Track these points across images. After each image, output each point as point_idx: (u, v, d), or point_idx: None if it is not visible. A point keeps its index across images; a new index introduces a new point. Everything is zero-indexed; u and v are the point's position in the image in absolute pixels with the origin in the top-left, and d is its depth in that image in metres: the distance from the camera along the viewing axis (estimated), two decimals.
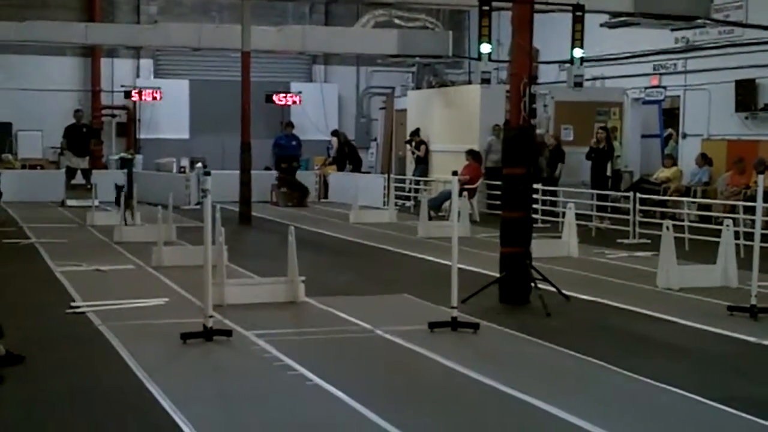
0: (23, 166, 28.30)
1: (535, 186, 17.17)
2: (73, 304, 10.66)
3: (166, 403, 6.84)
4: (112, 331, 9.21)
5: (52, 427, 6.49)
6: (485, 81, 14.83)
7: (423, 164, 25.71)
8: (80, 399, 7.06)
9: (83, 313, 10.22)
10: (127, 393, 7.21)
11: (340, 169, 28.65)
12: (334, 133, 30.30)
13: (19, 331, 8.46)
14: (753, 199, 13.40)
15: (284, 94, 31.17)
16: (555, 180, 21.73)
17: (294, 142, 26.05)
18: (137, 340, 8.90)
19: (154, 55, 31.95)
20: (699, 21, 20.67)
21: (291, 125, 26.92)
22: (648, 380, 7.60)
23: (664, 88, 24.67)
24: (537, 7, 11.74)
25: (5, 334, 7.76)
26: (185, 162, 27.77)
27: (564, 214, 16.41)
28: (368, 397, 6.99)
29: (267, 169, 26.98)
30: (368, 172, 29.83)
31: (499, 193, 21.75)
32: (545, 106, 23.59)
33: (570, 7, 13.93)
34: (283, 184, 25.52)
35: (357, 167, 28.82)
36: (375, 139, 31.95)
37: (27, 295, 11.43)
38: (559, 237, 16.04)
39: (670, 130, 25.36)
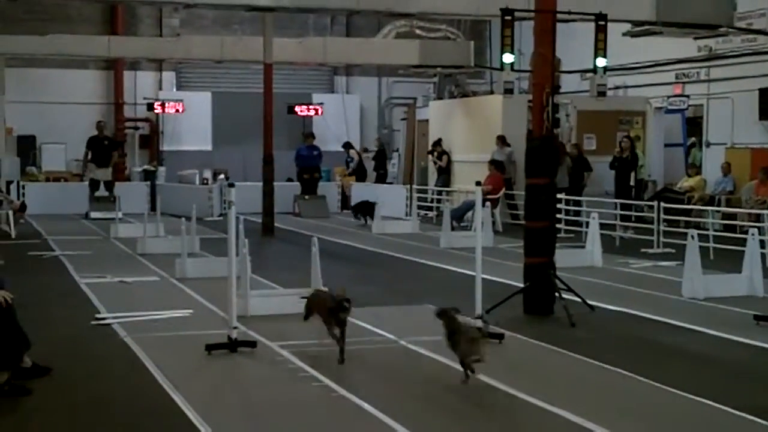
0: (47, 179, 28.46)
1: (558, 196, 17.13)
2: (98, 315, 10.71)
3: (191, 414, 6.85)
4: (137, 343, 9.24)
5: None
6: (508, 91, 14.85)
7: (445, 174, 25.70)
8: (106, 410, 7.09)
9: (108, 324, 10.26)
10: (153, 404, 7.23)
11: (361, 180, 28.78)
12: (346, 145, 30.30)
13: (45, 343, 8.49)
14: None
15: (306, 106, 31.26)
16: (581, 189, 21.67)
17: (315, 152, 26.09)
18: (162, 351, 8.92)
19: (177, 68, 32.11)
20: (722, 29, 20.58)
21: (312, 136, 26.94)
22: (673, 390, 7.56)
23: (687, 96, 24.57)
24: (559, 16, 11.70)
25: (31, 346, 7.78)
26: (208, 174, 27.87)
27: (588, 223, 16.35)
28: (393, 407, 6.98)
29: (289, 180, 27.03)
30: (391, 183, 29.86)
31: (508, 202, 22.14)
32: (567, 115, 23.55)
33: (592, 17, 13.90)
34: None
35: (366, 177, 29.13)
36: (397, 150, 31.98)
37: (52, 307, 11.47)
38: (583, 247, 15.98)
39: (693, 139, 25.26)
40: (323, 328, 8.70)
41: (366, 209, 23.18)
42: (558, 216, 16.91)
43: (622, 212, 19.35)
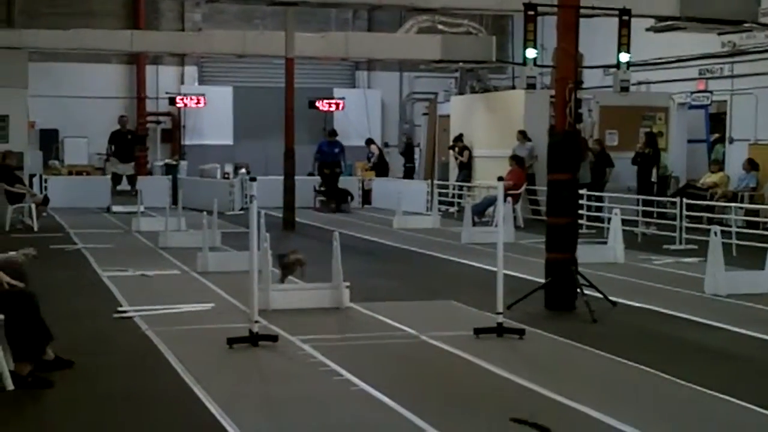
0: (69, 173, 28.58)
1: (580, 192, 17.07)
2: (120, 309, 10.74)
3: (213, 408, 6.86)
4: (158, 336, 9.27)
5: (100, 430, 6.54)
6: (530, 86, 14.78)
7: (466, 170, 25.65)
8: (128, 403, 7.11)
9: (130, 318, 10.29)
10: (174, 397, 7.25)
11: (383, 174, 28.84)
12: (368, 141, 30.35)
13: (67, 336, 8.52)
14: None
15: (327, 100, 31.26)
16: (603, 185, 21.60)
17: (336, 149, 26.09)
18: (184, 344, 8.94)
19: (199, 62, 32.16)
20: (746, 25, 20.46)
21: (334, 133, 26.94)
22: (695, 386, 7.52)
23: (711, 92, 24.43)
24: (582, 11, 11.65)
25: (54, 339, 7.81)
26: (229, 168, 27.92)
27: (609, 219, 16.29)
28: (414, 402, 6.97)
29: (310, 174, 27.05)
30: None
31: (529, 198, 22.11)
32: (590, 110, 23.46)
33: (616, 12, 13.84)
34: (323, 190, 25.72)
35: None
36: (418, 145, 31.95)
37: (74, 300, 11.51)
38: (605, 243, 15.92)
39: (716, 135, 25.13)
40: (344, 323, 8.60)
41: (340, 196, 24.24)
42: (580, 212, 16.85)
43: (645, 208, 19.27)
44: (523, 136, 22.82)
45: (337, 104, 31.48)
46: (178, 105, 30.87)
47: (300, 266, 11.64)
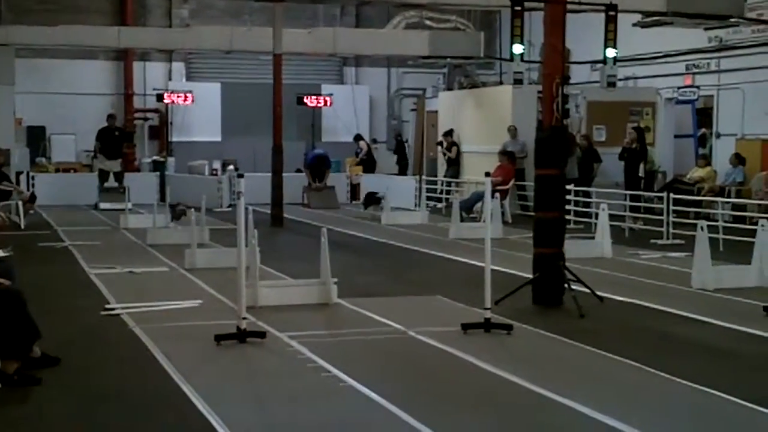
0: (57, 170, 28.50)
1: (567, 187, 17.10)
2: (107, 306, 10.73)
3: (200, 404, 6.86)
4: (146, 333, 9.26)
5: (88, 428, 6.53)
6: (518, 81, 14.80)
7: (454, 165, 25.68)
8: (115, 400, 7.10)
9: (118, 315, 10.28)
10: (162, 394, 7.24)
11: (370, 171, 28.86)
12: (357, 137, 30.35)
13: (54, 333, 8.51)
14: None
15: (315, 97, 31.24)
16: (590, 180, 21.65)
17: (323, 168, 26.00)
18: (171, 341, 8.93)
19: (186, 59, 32.10)
20: (732, 20, 20.50)
21: (323, 156, 26.70)
22: (683, 381, 7.55)
23: (698, 87, 24.49)
24: (569, 7, 11.68)
25: (41, 336, 7.80)
26: (217, 164, 27.89)
27: (597, 214, 16.32)
28: (402, 398, 6.99)
29: (298, 171, 27.05)
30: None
31: (519, 193, 22.15)
32: (577, 106, 23.50)
33: (603, 7, 13.86)
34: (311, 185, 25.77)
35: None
36: (406, 141, 31.97)
37: (62, 297, 11.50)
38: (593, 238, 15.97)
39: (704, 130, 25.20)
40: (331, 319, 8.66)
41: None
42: (567, 207, 16.88)
43: (632, 203, 19.32)
44: (515, 130, 22.84)
45: (326, 100, 31.44)
46: (165, 101, 30.79)
47: (184, 215, 16.05)
